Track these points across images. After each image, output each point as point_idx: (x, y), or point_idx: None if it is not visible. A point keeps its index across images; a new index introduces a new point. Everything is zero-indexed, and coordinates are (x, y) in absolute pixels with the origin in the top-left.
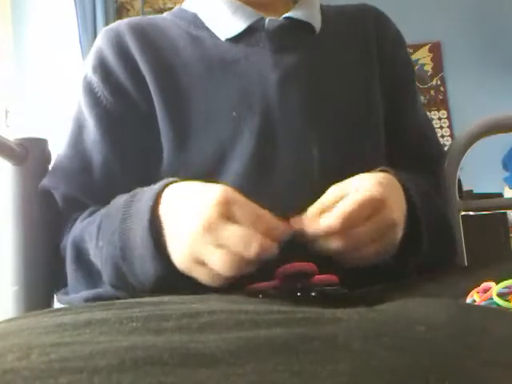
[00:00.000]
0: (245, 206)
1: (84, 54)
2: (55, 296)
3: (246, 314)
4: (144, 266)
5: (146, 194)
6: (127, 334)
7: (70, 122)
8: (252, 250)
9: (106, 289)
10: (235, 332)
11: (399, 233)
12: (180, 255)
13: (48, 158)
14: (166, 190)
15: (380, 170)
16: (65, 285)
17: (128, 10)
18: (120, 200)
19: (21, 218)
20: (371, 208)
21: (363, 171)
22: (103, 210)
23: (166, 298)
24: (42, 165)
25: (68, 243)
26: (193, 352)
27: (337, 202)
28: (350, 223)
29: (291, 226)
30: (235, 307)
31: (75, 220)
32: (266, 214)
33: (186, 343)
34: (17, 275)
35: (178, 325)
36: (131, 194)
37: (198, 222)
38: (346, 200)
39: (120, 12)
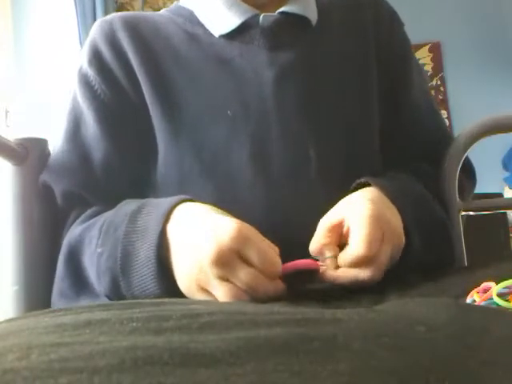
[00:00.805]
0: (257, 246)
1: None
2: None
3: (245, 315)
4: (143, 284)
5: (155, 209)
6: (127, 334)
7: (66, 115)
8: (258, 294)
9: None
10: (235, 332)
11: (403, 238)
12: (185, 280)
13: (48, 158)
14: (177, 210)
15: (363, 184)
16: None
17: (128, 10)
18: (127, 208)
19: (21, 217)
20: (380, 227)
21: (359, 171)
22: (107, 215)
23: (166, 299)
24: (42, 165)
25: (63, 245)
26: (193, 352)
27: (331, 232)
28: (373, 246)
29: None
30: (235, 308)
31: (75, 218)
32: (276, 259)
33: (185, 343)
34: (17, 275)
35: (177, 325)
36: (139, 204)
37: (208, 252)
38: (356, 227)
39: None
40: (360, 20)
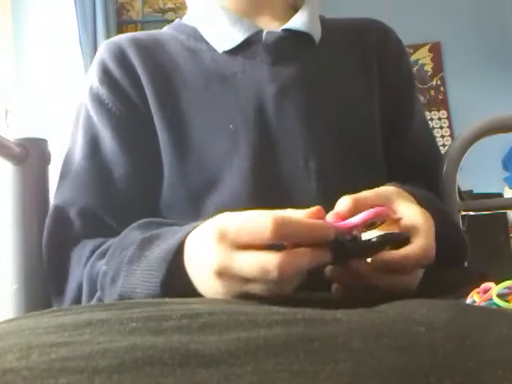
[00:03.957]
0: (240, 234)
1: (84, 54)
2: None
3: (245, 315)
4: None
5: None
6: (127, 335)
7: (80, 131)
8: (273, 276)
9: None
10: (235, 333)
11: None
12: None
13: (48, 158)
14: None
15: (396, 185)
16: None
17: (128, 10)
18: (127, 253)
19: (21, 217)
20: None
21: (359, 184)
22: (114, 254)
23: (166, 299)
24: (42, 165)
25: (84, 279)
26: (193, 352)
27: (367, 200)
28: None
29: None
30: (235, 308)
31: (92, 243)
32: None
33: (185, 344)
34: (17, 275)
35: (177, 325)
36: (140, 243)
37: (208, 273)
38: (423, 231)
39: (120, 12)
40: (364, 42)
